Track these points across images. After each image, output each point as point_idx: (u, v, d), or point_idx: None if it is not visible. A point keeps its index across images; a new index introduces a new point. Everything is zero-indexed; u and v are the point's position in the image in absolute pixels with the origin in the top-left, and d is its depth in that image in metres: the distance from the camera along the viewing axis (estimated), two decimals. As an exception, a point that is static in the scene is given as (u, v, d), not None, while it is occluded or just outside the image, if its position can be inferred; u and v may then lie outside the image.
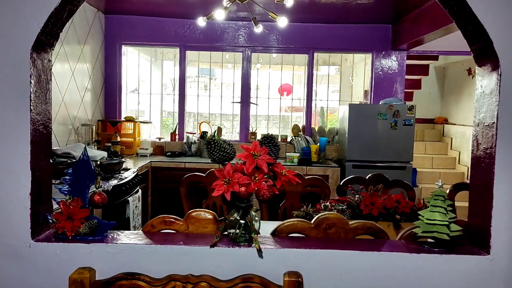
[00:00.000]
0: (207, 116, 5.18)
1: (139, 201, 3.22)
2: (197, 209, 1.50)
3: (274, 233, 1.46)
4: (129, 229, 2.96)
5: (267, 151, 1.34)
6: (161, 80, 5.31)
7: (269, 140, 1.35)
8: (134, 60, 5.16)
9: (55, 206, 1.42)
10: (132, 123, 4.61)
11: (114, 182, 2.81)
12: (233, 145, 1.40)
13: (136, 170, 3.43)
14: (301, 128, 4.85)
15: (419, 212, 1.39)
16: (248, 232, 1.36)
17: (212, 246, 1.31)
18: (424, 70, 5.92)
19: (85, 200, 1.38)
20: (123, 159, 3.32)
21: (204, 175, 2.54)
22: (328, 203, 1.90)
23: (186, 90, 4.95)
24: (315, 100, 4.95)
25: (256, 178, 1.31)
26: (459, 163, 6.11)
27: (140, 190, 3.34)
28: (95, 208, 1.40)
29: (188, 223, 1.48)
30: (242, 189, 1.29)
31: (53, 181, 1.49)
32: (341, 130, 4.57)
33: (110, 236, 1.36)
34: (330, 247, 1.32)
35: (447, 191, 2.47)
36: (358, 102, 5.32)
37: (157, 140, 4.87)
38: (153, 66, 5.63)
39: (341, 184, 2.50)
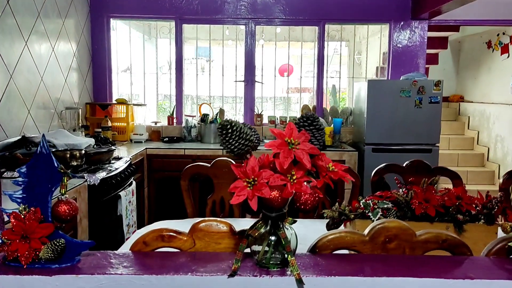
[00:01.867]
0: (207, 98, 4.72)
1: (133, 195, 2.81)
2: (206, 219, 1.09)
3: (314, 250, 1.05)
4: (122, 229, 2.55)
5: (308, 137, 0.91)
6: (156, 59, 4.84)
7: (310, 122, 0.93)
8: (125, 36, 4.67)
9: (7, 219, 1.01)
10: (125, 106, 4.17)
11: (102, 174, 2.39)
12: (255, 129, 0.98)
13: (129, 159, 3.02)
14: (311, 108, 4.40)
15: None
16: (280, 252, 0.95)
17: (231, 275, 0.91)
18: (443, 43, 5.43)
19: (46, 210, 0.97)
20: (114, 147, 2.89)
21: (209, 165, 2.12)
22: (369, 201, 1.50)
23: (183, 69, 4.49)
24: (326, 77, 4.49)
25: (294, 177, 0.89)
26: (477, 143, 5.71)
27: (134, 182, 2.93)
28: (60, 222, 0.99)
29: (194, 238, 1.08)
30: (275, 193, 0.88)
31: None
32: (356, 110, 4.13)
33: (83, 263, 0.96)
34: (398, 273, 0.92)
35: (501, 180, 2.07)
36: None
37: (153, 124, 4.43)
38: (146, 44, 5.14)
39: (373, 173, 2.09)
